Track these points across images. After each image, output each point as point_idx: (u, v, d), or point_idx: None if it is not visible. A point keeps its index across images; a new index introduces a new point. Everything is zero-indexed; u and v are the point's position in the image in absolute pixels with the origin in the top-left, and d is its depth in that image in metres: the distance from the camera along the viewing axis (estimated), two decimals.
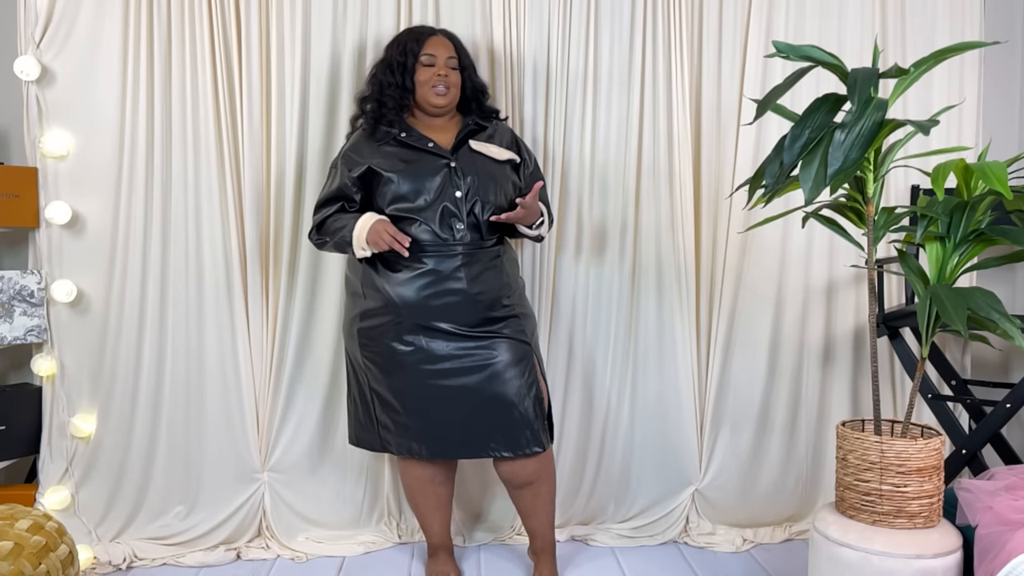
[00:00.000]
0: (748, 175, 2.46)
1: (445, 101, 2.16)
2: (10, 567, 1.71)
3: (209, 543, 2.44)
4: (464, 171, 2.10)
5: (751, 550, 2.53)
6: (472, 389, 2.06)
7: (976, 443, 2.28)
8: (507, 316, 2.11)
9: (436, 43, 2.17)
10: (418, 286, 2.06)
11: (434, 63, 2.15)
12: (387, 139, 2.14)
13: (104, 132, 2.35)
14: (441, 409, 2.08)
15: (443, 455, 2.12)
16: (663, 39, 2.49)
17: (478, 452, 2.10)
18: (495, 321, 2.09)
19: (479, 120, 2.22)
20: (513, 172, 2.20)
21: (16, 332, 2.31)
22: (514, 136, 2.28)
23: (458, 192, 2.08)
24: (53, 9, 2.30)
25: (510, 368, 2.07)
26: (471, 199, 2.08)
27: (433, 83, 2.14)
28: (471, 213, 2.09)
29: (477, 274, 2.08)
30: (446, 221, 2.07)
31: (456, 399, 2.07)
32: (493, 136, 2.22)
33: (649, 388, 2.58)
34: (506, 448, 2.08)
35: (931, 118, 1.61)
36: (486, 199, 2.10)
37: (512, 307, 2.13)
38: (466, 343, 2.07)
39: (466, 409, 2.07)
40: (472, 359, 2.06)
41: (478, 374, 2.06)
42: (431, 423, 2.09)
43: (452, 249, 2.07)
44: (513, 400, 2.06)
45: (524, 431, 2.07)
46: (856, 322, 2.61)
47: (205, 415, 2.45)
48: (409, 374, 2.08)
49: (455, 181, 2.08)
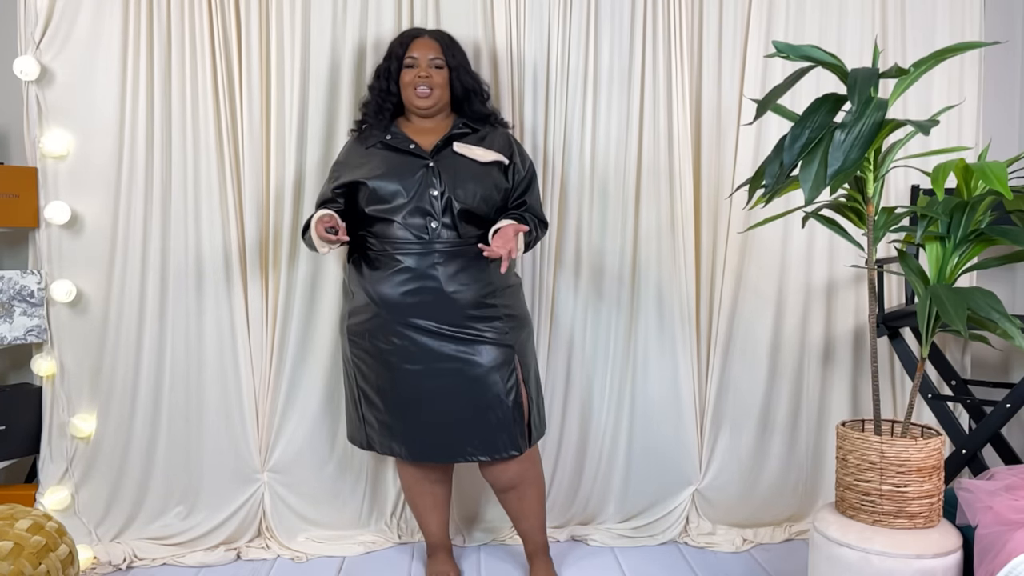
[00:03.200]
0: (748, 175, 2.46)
1: (427, 103, 2.16)
2: (10, 567, 1.71)
3: (209, 543, 2.45)
4: (441, 171, 2.09)
5: (751, 550, 2.53)
6: (450, 392, 2.06)
7: (976, 443, 2.28)
8: (491, 317, 2.09)
9: (419, 45, 2.18)
10: (395, 283, 2.07)
11: (416, 64, 2.16)
12: (374, 143, 2.17)
13: (104, 132, 2.35)
14: (421, 411, 2.08)
15: (422, 458, 2.12)
16: (663, 39, 2.49)
17: (455, 456, 2.09)
18: (477, 320, 2.08)
19: (469, 123, 2.21)
20: (500, 175, 2.17)
21: (16, 332, 2.31)
22: (510, 141, 2.24)
23: (434, 191, 2.07)
24: (53, 9, 2.30)
25: (490, 373, 2.06)
26: (446, 198, 2.07)
27: (415, 84, 2.15)
28: (447, 211, 2.07)
29: (454, 273, 2.07)
30: (422, 219, 2.06)
31: (435, 401, 2.07)
32: (484, 139, 2.20)
33: (649, 388, 2.57)
34: (483, 452, 2.07)
35: (931, 118, 1.61)
36: (463, 200, 2.08)
37: (497, 307, 2.11)
38: (447, 344, 2.05)
39: (445, 412, 2.07)
40: (452, 362, 2.05)
41: (457, 377, 2.05)
42: (411, 424, 2.09)
43: (428, 247, 2.06)
44: (490, 404, 2.05)
45: (501, 435, 2.07)
46: (856, 322, 2.61)
47: (205, 415, 2.45)
48: (391, 373, 2.08)
49: (431, 180, 2.08)
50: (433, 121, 2.22)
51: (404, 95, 2.19)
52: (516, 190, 2.20)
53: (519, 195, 2.21)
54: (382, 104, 2.22)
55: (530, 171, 2.25)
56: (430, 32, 2.24)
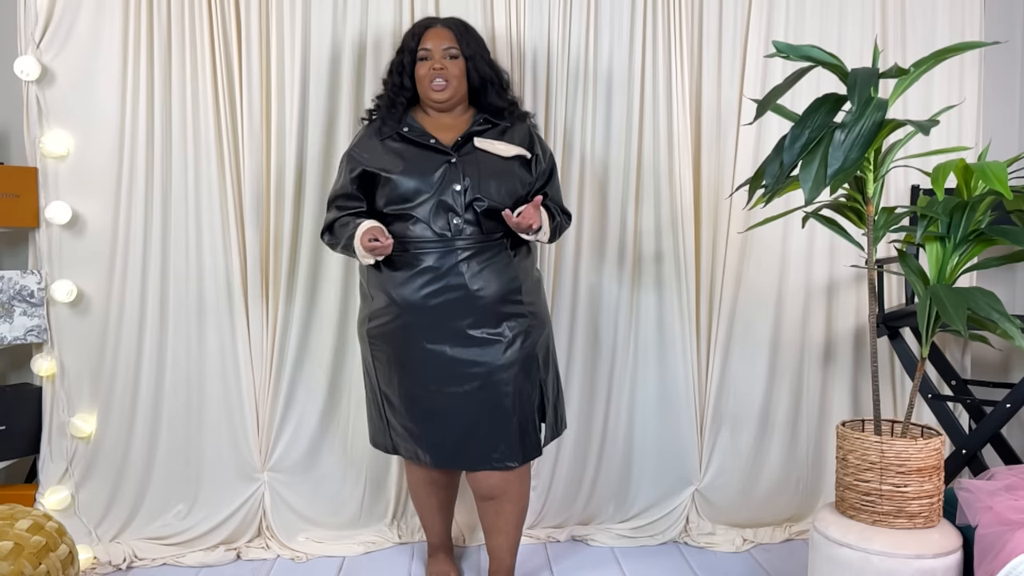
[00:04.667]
0: (748, 175, 2.46)
1: (444, 96, 2.08)
2: (10, 567, 1.71)
3: (209, 543, 2.44)
4: (465, 167, 2.02)
5: (751, 550, 2.53)
6: (474, 399, 1.99)
7: (976, 443, 2.28)
8: (516, 314, 2.02)
9: (432, 35, 2.09)
10: (417, 285, 2.00)
11: (429, 56, 2.08)
12: (391, 135, 2.09)
13: (104, 132, 2.35)
14: (444, 418, 2.01)
15: (448, 465, 2.06)
16: (663, 39, 2.49)
17: (480, 464, 2.01)
18: (504, 318, 2.01)
19: (490, 118, 2.13)
20: (523, 168, 2.10)
21: (16, 332, 2.31)
22: (531, 133, 2.17)
23: (457, 186, 2.00)
24: (53, 9, 2.30)
25: (513, 378, 1.99)
26: (471, 195, 2.00)
27: (430, 78, 2.07)
28: (470, 208, 2.00)
29: (479, 269, 2.00)
30: (444, 216, 1.99)
31: (458, 408, 2.00)
32: (505, 133, 2.12)
33: (649, 388, 2.58)
34: (509, 459, 2.00)
35: (931, 118, 1.61)
36: (487, 195, 2.00)
37: (523, 304, 2.04)
38: (471, 349, 1.99)
39: (469, 419, 2.00)
40: (475, 366, 1.98)
41: (480, 383, 1.99)
42: (435, 431, 2.03)
43: (452, 244, 2.00)
44: (513, 410, 2.00)
45: (524, 440, 2.01)
46: (856, 322, 2.61)
47: (205, 415, 2.45)
48: (413, 379, 2.02)
49: (455, 176, 2.01)
50: (451, 116, 2.13)
51: (420, 89, 2.10)
52: (537, 182, 2.14)
53: (540, 188, 2.14)
54: (394, 99, 2.13)
55: (550, 162, 2.18)
56: (443, 21, 2.14)
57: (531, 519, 2.57)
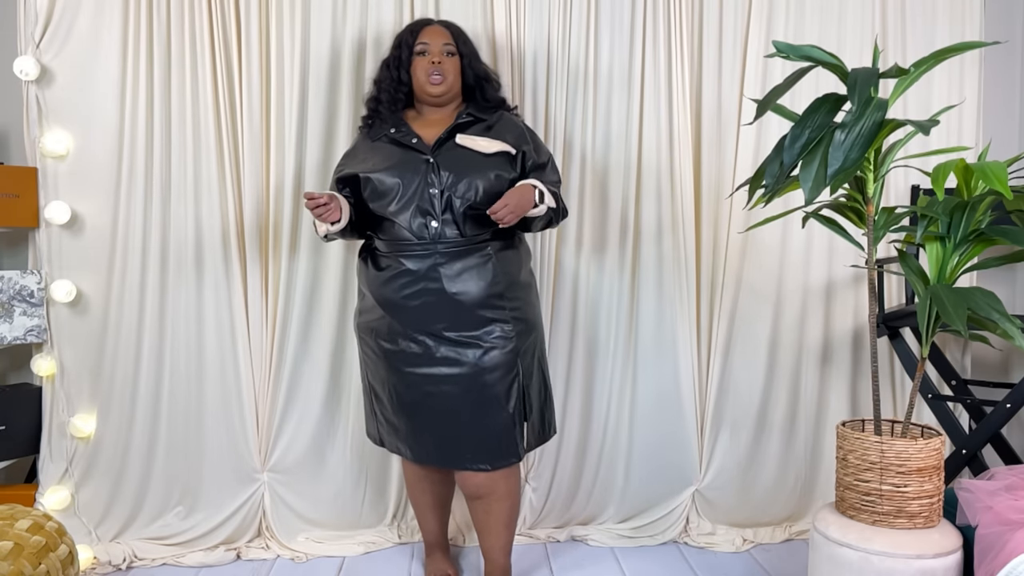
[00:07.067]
0: (748, 175, 2.46)
1: (441, 89, 2.10)
2: (10, 567, 1.71)
3: (209, 543, 2.44)
4: (441, 167, 2.01)
5: (751, 550, 2.53)
6: (452, 398, 1.99)
7: (976, 443, 2.28)
8: (497, 319, 2.01)
9: (430, 32, 2.14)
10: (397, 286, 2.02)
11: (427, 51, 2.11)
12: (381, 136, 2.12)
13: (104, 132, 2.35)
14: (423, 415, 2.03)
15: (425, 461, 2.08)
16: (663, 39, 2.49)
17: (455, 463, 2.02)
18: (484, 323, 2.00)
19: (476, 112, 2.13)
20: (507, 164, 2.06)
21: (16, 332, 2.31)
22: (523, 130, 2.15)
23: (433, 188, 1.99)
24: (53, 9, 2.30)
25: (494, 381, 1.99)
26: (446, 195, 2.00)
27: (428, 71, 2.10)
28: (447, 210, 2.00)
29: (457, 273, 1.99)
30: (421, 219, 1.99)
31: (437, 406, 2.00)
32: (492, 128, 2.11)
33: (649, 388, 2.57)
34: (483, 461, 2.00)
35: (931, 118, 1.61)
36: (463, 195, 1.99)
37: (504, 309, 2.02)
38: (451, 349, 1.99)
39: (447, 418, 2.00)
40: (454, 366, 1.98)
41: (459, 383, 1.99)
42: (414, 427, 2.05)
43: (429, 248, 2.00)
44: (491, 412, 1.99)
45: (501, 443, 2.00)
46: (856, 322, 2.61)
47: (205, 415, 2.45)
48: (395, 375, 2.04)
49: (431, 178, 2.01)
50: (443, 111, 2.15)
51: (416, 83, 2.13)
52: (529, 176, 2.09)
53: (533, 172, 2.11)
54: (395, 95, 2.15)
55: (545, 156, 2.15)
56: (439, 21, 2.20)
57: (531, 519, 2.58)
